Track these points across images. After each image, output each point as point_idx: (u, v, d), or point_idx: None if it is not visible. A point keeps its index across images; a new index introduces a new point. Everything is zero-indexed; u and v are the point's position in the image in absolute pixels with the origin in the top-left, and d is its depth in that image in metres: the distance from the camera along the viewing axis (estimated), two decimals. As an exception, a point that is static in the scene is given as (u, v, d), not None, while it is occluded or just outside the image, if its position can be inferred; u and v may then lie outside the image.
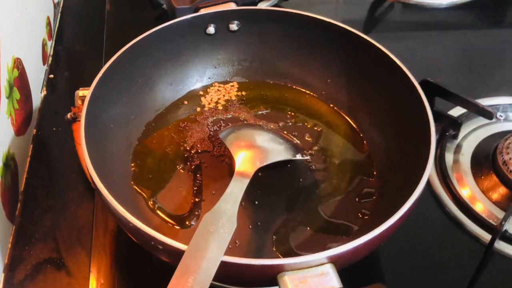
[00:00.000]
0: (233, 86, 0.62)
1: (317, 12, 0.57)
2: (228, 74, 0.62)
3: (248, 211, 0.49)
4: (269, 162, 0.48)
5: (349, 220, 0.49)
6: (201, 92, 0.61)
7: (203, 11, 0.59)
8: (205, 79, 0.62)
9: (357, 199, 0.50)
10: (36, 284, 0.49)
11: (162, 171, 0.53)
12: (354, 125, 0.57)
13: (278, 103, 0.60)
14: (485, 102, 0.60)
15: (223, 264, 0.36)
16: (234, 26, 0.59)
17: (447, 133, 0.59)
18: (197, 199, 0.50)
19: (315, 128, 0.57)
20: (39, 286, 0.48)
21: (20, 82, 0.60)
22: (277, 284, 0.36)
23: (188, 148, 0.55)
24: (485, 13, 0.81)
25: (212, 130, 0.57)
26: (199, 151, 0.55)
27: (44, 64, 0.72)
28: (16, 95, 0.58)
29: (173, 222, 0.49)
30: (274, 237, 0.47)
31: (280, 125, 0.57)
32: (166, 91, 0.59)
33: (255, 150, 0.51)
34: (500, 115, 0.62)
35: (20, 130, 0.59)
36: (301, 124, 0.57)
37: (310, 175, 0.52)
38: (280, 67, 0.62)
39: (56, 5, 0.82)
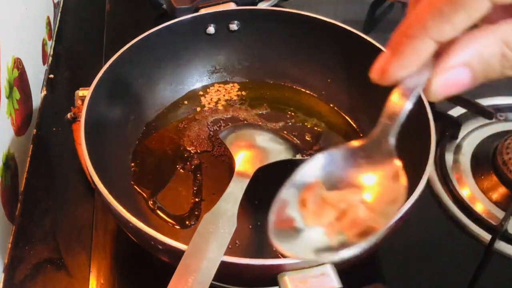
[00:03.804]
0: (233, 86, 0.62)
1: (317, 12, 0.57)
2: (228, 74, 0.62)
3: (248, 211, 0.49)
4: (269, 162, 0.48)
5: (349, 220, 0.49)
6: (201, 92, 0.61)
7: (203, 11, 0.59)
8: (205, 79, 0.62)
9: (357, 199, 0.50)
10: (36, 284, 0.49)
11: (162, 171, 0.53)
12: (354, 125, 0.57)
13: (278, 103, 0.60)
14: (485, 102, 0.60)
15: (223, 264, 0.36)
16: (234, 26, 0.59)
17: (447, 133, 0.59)
18: (197, 199, 0.50)
19: (315, 128, 0.57)
20: (39, 286, 0.48)
21: (20, 82, 0.60)
22: (277, 284, 0.36)
23: (188, 148, 0.55)
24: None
25: (212, 130, 0.57)
26: (199, 151, 0.55)
27: (44, 64, 0.72)
28: (16, 95, 0.58)
29: (173, 222, 0.49)
30: (274, 237, 0.47)
31: (280, 125, 0.57)
32: (166, 91, 0.59)
33: (255, 150, 0.51)
34: (500, 115, 0.62)
35: (20, 130, 0.59)
36: (301, 124, 0.57)
37: (310, 175, 0.52)
38: (280, 67, 0.62)
39: (56, 5, 0.82)
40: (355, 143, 0.31)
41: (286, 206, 0.31)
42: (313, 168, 0.31)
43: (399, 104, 0.29)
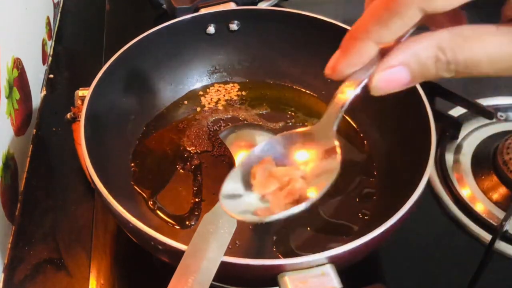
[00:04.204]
0: (233, 86, 0.62)
1: (317, 12, 0.57)
2: (228, 74, 0.62)
3: (248, 211, 0.49)
4: (269, 162, 0.48)
5: (349, 221, 0.49)
6: (201, 92, 0.61)
7: (203, 11, 0.59)
8: (205, 79, 0.62)
9: (357, 199, 0.50)
10: (36, 284, 0.49)
11: (162, 171, 0.53)
12: (354, 125, 0.57)
13: (278, 103, 0.60)
14: (485, 102, 0.60)
15: (223, 264, 0.36)
16: (234, 26, 0.59)
17: (447, 133, 0.59)
18: (197, 199, 0.50)
19: (315, 128, 0.57)
20: (39, 286, 0.48)
21: (20, 82, 0.60)
22: (277, 285, 0.36)
23: (188, 148, 0.55)
24: (485, 13, 0.81)
25: (212, 130, 0.57)
26: (199, 151, 0.55)
27: (44, 64, 0.72)
28: (16, 95, 0.58)
29: (173, 222, 0.49)
30: (275, 237, 0.47)
31: (280, 125, 0.57)
32: (166, 91, 0.59)
33: (255, 150, 0.51)
34: (500, 115, 0.62)
35: (20, 130, 0.59)
36: (301, 124, 0.57)
37: (310, 175, 0.52)
38: (280, 67, 0.62)
39: (56, 5, 0.82)
40: (305, 129, 0.37)
41: (239, 176, 0.36)
42: (267, 147, 0.37)
43: (345, 96, 0.34)
